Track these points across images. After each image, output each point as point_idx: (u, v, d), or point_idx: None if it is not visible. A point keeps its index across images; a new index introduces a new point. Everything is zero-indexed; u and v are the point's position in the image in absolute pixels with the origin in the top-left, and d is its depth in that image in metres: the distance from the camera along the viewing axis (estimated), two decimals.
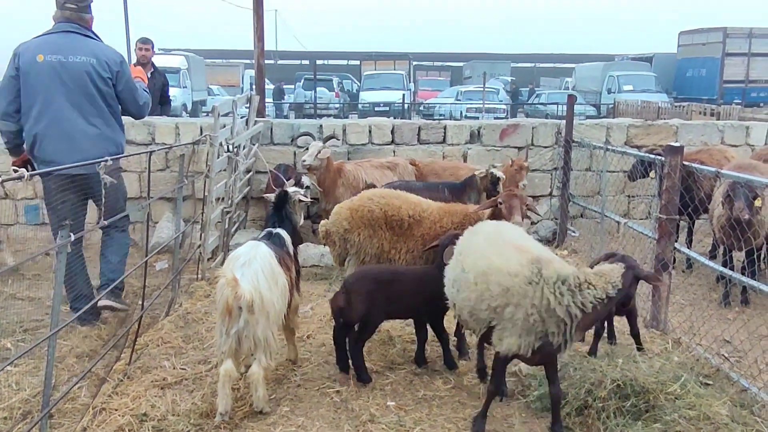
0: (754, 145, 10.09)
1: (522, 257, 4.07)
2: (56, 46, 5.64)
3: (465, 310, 4.33)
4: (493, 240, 4.38)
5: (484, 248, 4.31)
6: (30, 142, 5.72)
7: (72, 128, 5.66)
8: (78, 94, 5.68)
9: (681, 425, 4.02)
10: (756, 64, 30.84)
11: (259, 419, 4.44)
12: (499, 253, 4.17)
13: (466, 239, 4.61)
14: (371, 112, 27.53)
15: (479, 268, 4.18)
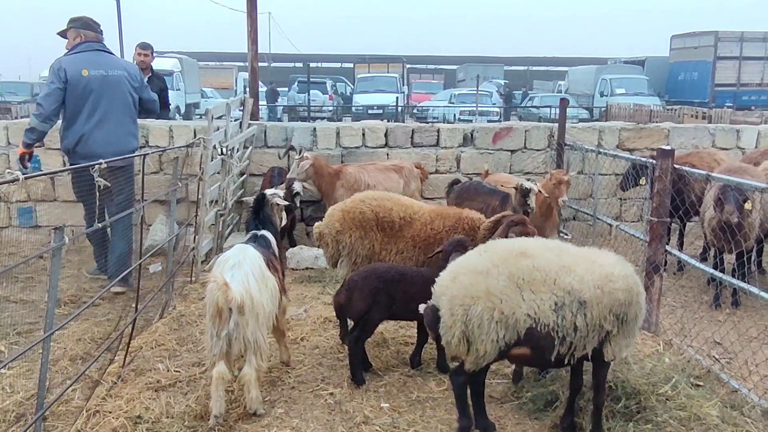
0: (745, 148, 10.17)
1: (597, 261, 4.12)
2: (96, 62, 6.89)
3: (573, 332, 3.93)
4: (562, 252, 4.11)
5: (569, 262, 3.99)
6: (75, 140, 6.86)
7: (113, 127, 6.93)
8: (117, 101, 6.98)
9: (672, 426, 4.07)
10: (747, 68, 31.06)
11: (253, 421, 4.46)
12: (592, 261, 4.07)
13: (520, 264, 3.94)
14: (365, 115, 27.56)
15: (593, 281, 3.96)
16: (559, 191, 7.33)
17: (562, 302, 3.83)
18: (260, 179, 9.09)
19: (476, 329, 3.82)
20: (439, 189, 9.66)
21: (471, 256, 4.19)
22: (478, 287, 3.86)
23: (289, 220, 8.59)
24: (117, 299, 6.68)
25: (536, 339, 3.85)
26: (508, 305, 3.80)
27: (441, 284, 4.07)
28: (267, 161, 9.28)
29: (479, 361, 3.94)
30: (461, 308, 3.85)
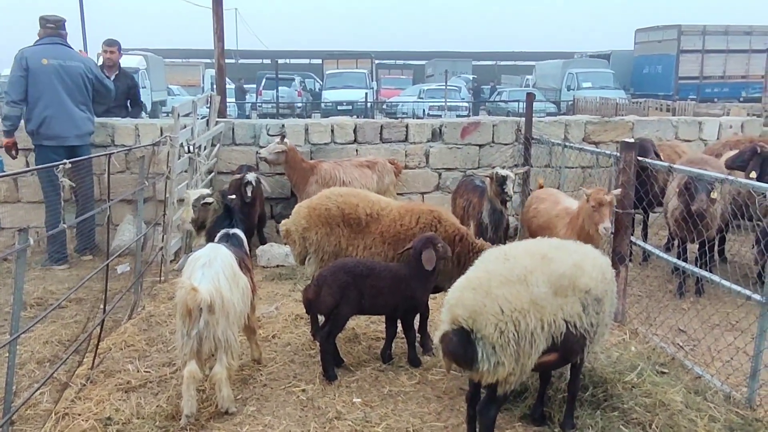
0: (707, 140, 10.38)
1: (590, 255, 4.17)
2: (54, 53, 7.84)
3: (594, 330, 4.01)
4: (569, 251, 4.08)
5: (578, 259, 3.97)
6: (38, 122, 7.78)
7: (72, 111, 7.93)
8: (74, 88, 7.94)
9: (637, 412, 4.16)
10: (709, 61, 31.65)
11: (225, 420, 4.45)
12: (588, 256, 4.09)
13: (548, 270, 3.81)
14: (334, 111, 27.50)
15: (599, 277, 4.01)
16: (599, 216, 5.65)
17: (586, 302, 3.83)
18: (229, 177, 9.04)
19: (527, 345, 3.58)
20: (409, 184, 9.70)
21: (493, 267, 3.84)
22: (522, 298, 3.61)
23: (258, 217, 8.57)
24: (84, 301, 6.61)
25: (570, 343, 3.82)
26: (550, 313, 3.67)
27: (469, 302, 3.62)
28: (235, 159, 9.22)
29: (519, 380, 3.73)
30: (511, 325, 3.55)
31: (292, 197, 8.94)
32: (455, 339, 3.59)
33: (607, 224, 5.60)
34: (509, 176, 6.76)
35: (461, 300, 3.65)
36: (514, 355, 3.56)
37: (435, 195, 9.73)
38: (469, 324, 3.57)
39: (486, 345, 3.53)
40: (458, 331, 3.59)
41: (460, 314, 3.59)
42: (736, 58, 31.44)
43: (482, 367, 3.57)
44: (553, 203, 6.67)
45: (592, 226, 5.68)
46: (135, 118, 9.64)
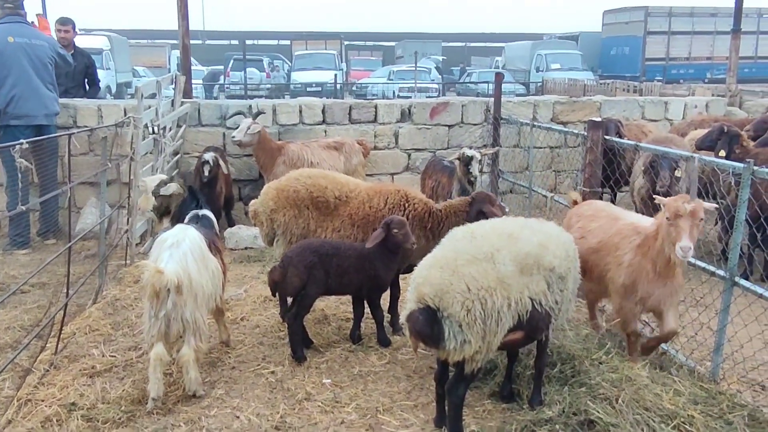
0: (673, 120, 10.51)
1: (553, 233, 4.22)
2: (20, 32, 7.75)
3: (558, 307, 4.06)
4: (534, 230, 4.08)
5: (542, 239, 3.99)
6: (6, 101, 7.64)
7: (40, 90, 7.83)
8: (41, 67, 7.85)
9: (604, 388, 4.19)
10: (676, 42, 31.99)
11: (192, 403, 4.40)
12: (550, 234, 4.14)
13: (515, 248, 3.82)
14: (303, 93, 27.22)
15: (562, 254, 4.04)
16: (676, 232, 4.28)
17: (550, 280, 3.87)
18: (196, 159, 8.91)
19: (493, 323, 3.60)
20: (378, 165, 9.66)
21: (460, 246, 3.80)
22: (489, 276, 3.60)
23: (225, 199, 8.48)
24: (47, 285, 6.47)
25: (535, 321, 3.85)
26: (516, 291, 3.68)
27: (436, 280, 3.59)
28: (202, 140, 9.08)
29: (486, 358, 3.74)
30: (478, 303, 3.54)
31: (260, 179, 8.84)
32: (422, 318, 3.57)
33: (686, 243, 4.19)
34: (475, 156, 6.78)
35: (428, 278, 3.63)
36: (481, 333, 3.57)
37: (404, 176, 9.71)
38: (435, 302, 3.56)
39: (452, 323, 3.53)
40: (425, 310, 3.58)
41: (426, 292, 3.57)
42: (702, 39, 31.81)
43: (449, 346, 3.57)
44: (611, 220, 5.12)
45: (670, 245, 4.32)
46: (93, 98, 9.43)
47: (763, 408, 4.35)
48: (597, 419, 3.93)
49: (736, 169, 4.65)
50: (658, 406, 4.03)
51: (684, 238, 4.18)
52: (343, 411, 4.33)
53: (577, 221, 5.37)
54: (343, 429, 4.13)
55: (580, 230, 5.22)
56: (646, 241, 4.56)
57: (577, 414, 4.03)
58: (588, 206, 5.56)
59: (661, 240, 4.41)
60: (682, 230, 4.20)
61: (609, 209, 5.41)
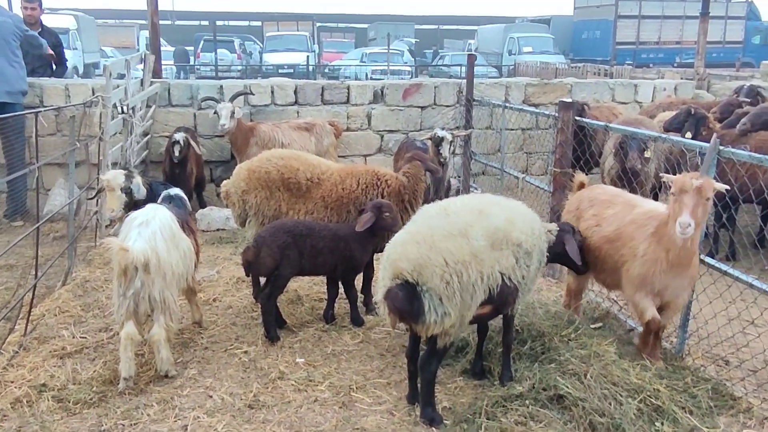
0: (642, 102, 10.64)
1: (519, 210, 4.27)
2: None
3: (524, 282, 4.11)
4: (501, 206, 4.12)
5: (510, 215, 4.03)
6: None
7: (3, 68, 7.64)
8: (4, 45, 7.66)
9: (573, 364, 4.27)
10: (646, 26, 32.27)
11: (165, 383, 4.39)
12: (518, 211, 4.20)
13: (486, 224, 3.86)
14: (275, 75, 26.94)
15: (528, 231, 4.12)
16: (679, 207, 4.06)
17: (518, 255, 3.93)
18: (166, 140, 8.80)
19: (468, 297, 3.66)
20: (351, 147, 9.64)
21: (435, 222, 3.83)
22: (464, 250, 3.65)
23: (196, 180, 8.41)
24: (15, 267, 6.37)
25: (504, 295, 3.91)
26: (488, 265, 3.74)
27: (413, 255, 3.60)
28: (172, 120, 8.97)
29: (459, 332, 3.80)
30: (455, 276, 3.59)
31: (232, 160, 8.78)
32: (401, 294, 3.58)
33: (686, 218, 3.95)
34: (446, 137, 6.81)
35: (405, 254, 3.65)
36: (459, 305, 3.63)
37: (377, 157, 9.71)
38: (414, 277, 3.58)
39: (433, 297, 3.57)
40: (404, 286, 3.60)
41: (404, 268, 3.59)
42: (671, 24, 32.14)
43: (429, 319, 3.60)
44: (627, 207, 4.79)
45: (672, 223, 4.09)
46: (60, 77, 9.24)
47: (726, 382, 4.47)
48: (566, 394, 4.02)
49: (702, 150, 4.74)
50: (625, 380, 4.13)
51: (685, 213, 3.96)
52: (316, 389, 4.35)
53: (590, 206, 5.04)
54: (317, 407, 4.16)
55: (595, 218, 4.92)
56: (659, 229, 4.31)
57: (546, 389, 4.11)
58: (602, 191, 5.26)
59: (671, 225, 4.13)
60: (685, 206, 3.99)
61: (623, 196, 5.06)
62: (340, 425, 3.95)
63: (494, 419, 3.94)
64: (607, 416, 3.87)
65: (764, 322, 4.54)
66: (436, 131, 7.23)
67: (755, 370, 4.66)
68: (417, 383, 4.08)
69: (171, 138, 7.82)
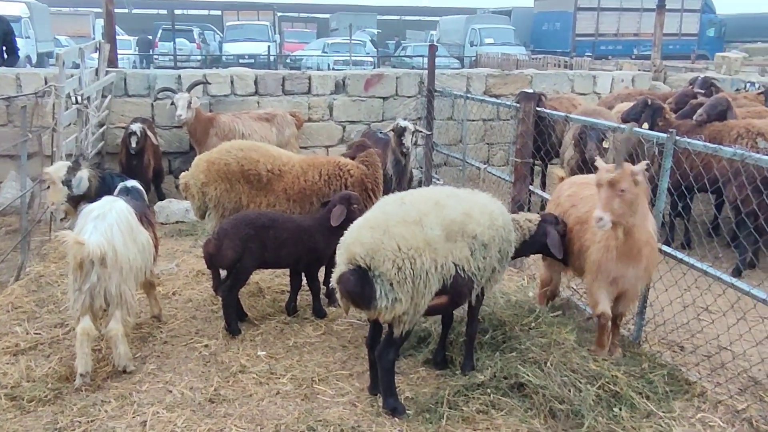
0: (601, 93, 10.79)
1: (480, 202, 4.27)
2: None
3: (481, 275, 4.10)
4: (459, 198, 4.12)
5: (467, 207, 4.04)
6: None
7: None
8: None
9: (534, 352, 4.32)
10: (604, 19, 32.64)
11: (123, 378, 4.31)
12: (478, 203, 4.20)
13: (441, 214, 3.88)
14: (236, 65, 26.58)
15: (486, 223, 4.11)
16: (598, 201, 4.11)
17: (473, 247, 3.94)
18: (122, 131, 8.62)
19: (421, 284, 3.67)
20: (313, 137, 9.58)
21: (391, 209, 3.85)
22: (418, 238, 3.68)
23: (154, 172, 8.27)
24: None
25: (459, 286, 3.93)
26: (442, 255, 3.77)
27: (367, 240, 3.62)
28: (129, 111, 8.78)
29: (414, 320, 3.81)
30: (408, 262, 3.60)
31: (191, 151, 8.64)
32: (353, 278, 3.61)
33: (597, 212, 4.00)
34: (408, 128, 6.81)
35: (359, 238, 3.68)
36: (410, 292, 3.65)
37: (339, 148, 9.65)
38: (366, 261, 3.61)
39: (384, 282, 3.60)
40: (356, 270, 3.63)
41: (357, 252, 3.62)
42: (629, 16, 32.57)
43: (380, 304, 3.63)
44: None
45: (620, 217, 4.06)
46: (12, 67, 8.97)
47: (682, 367, 4.58)
48: (527, 382, 4.07)
49: (659, 140, 4.81)
50: (584, 367, 4.19)
51: (597, 208, 4.03)
52: (278, 382, 4.32)
53: (569, 188, 5.07)
54: (278, 400, 4.13)
55: (571, 198, 4.93)
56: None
57: (507, 378, 4.16)
58: (583, 176, 5.32)
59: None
60: (599, 199, 4.05)
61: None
62: (302, 417, 3.92)
63: (456, 408, 3.97)
64: (566, 403, 3.93)
65: (718, 308, 4.65)
66: (398, 122, 7.22)
67: (709, 355, 4.77)
68: (378, 372, 4.08)
69: (127, 129, 7.65)
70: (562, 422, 3.88)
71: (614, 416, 3.87)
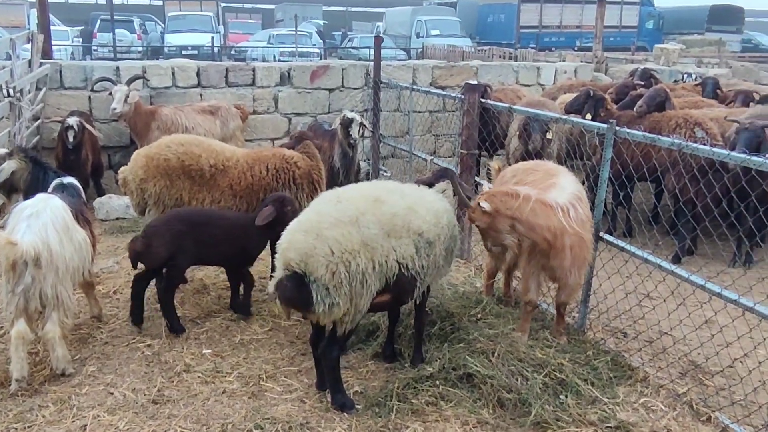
0: (545, 85, 10.94)
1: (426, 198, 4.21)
2: None
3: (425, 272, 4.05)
4: (403, 194, 4.04)
5: (411, 203, 3.97)
6: None
7: None
8: None
9: (481, 342, 4.35)
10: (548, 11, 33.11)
11: (61, 382, 4.17)
12: (424, 199, 4.15)
13: (381, 212, 3.79)
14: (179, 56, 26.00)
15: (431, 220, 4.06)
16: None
17: (418, 245, 3.87)
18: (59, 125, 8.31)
19: (359, 285, 3.60)
20: (258, 130, 9.43)
21: (325, 209, 3.76)
22: (353, 239, 3.58)
23: (93, 167, 8.01)
24: None
25: (402, 284, 3.86)
26: (382, 254, 3.67)
27: (300, 245, 3.55)
28: (65, 104, 8.47)
29: (356, 319, 3.75)
30: (342, 266, 3.53)
31: (132, 145, 8.40)
32: (290, 284, 3.56)
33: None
34: (355, 119, 6.77)
35: (292, 243, 3.61)
36: (348, 295, 3.59)
37: (286, 141, 9.51)
38: (301, 267, 3.54)
39: (319, 287, 3.53)
40: (292, 276, 3.57)
41: (292, 258, 3.56)
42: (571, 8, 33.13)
43: (318, 309, 3.58)
44: (546, 176, 4.76)
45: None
46: None
47: (625, 353, 4.68)
48: (475, 372, 4.09)
49: (600, 130, 4.89)
50: (531, 356, 4.24)
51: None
52: (224, 380, 4.25)
53: (513, 176, 5.03)
54: (225, 398, 4.05)
55: (516, 185, 4.75)
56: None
57: (456, 369, 4.17)
58: (537, 162, 5.36)
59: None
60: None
61: (549, 166, 5.05)
62: (249, 416, 3.86)
63: (406, 401, 3.97)
64: (514, 392, 3.97)
65: (659, 294, 4.76)
66: (345, 113, 7.17)
67: (651, 341, 4.89)
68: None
69: (64, 123, 7.38)
70: (510, 411, 3.92)
71: (560, 403, 3.93)
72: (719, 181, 5.18)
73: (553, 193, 4.39)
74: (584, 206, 4.48)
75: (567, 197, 4.36)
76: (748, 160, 3.84)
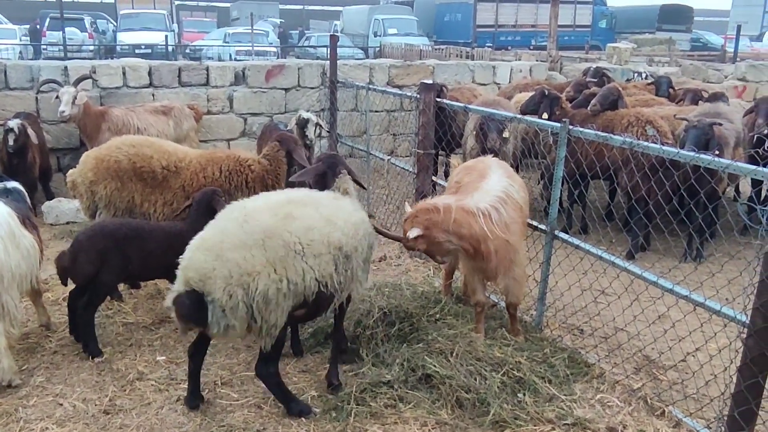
0: (500, 84, 11.02)
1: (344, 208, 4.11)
2: None
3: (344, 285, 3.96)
4: (317, 204, 3.90)
5: (327, 213, 3.84)
6: None
7: None
8: None
9: (440, 342, 4.35)
10: (504, 10, 33.47)
11: (7, 394, 4.03)
12: (342, 209, 4.04)
13: (293, 228, 3.65)
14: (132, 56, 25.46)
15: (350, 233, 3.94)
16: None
17: (338, 261, 3.76)
18: None
19: (262, 305, 3.46)
20: (213, 131, 9.29)
21: (230, 228, 3.58)
22: (255, 261, 3.43)
23: (41, 169, 7.77)
24: None
25: (321, 299, 3.78)
26: (295, 273, 3.54)
27: (200, 264, 3.44)
28: (10, 105, 8.20)
29: (274, 335, 3.62)
30: (240, 290, 3.40)
31: (82, 147, 8.18)
32: (188, 302, 3.46)
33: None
34: (311, 119, 6.73)
35: (193, 261, 3.50)
36: (245, 318, 3.48)
37: (241, 141, 9.42)
38: (200, 287, 3.44)
39: (216, 308, 3.43)
40: (191, 294, 3.46)
41: (191, 276, 3.45)
42: (526, 8, 33.54)
43: (213, 329, 3.50)
44: (478, 176, 4.79)
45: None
46: None
47: (581, 350, 4.73)
48: (433, 373, 4.09)
49: (554, 129, 4.93)
50: (489, 355, 4.26)
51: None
52: (179, 388, 4.15)
53: (458, 173, 5.12)
54: (179, 406, 3.96)
55: (457, 185, 4.93)
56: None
57: (415, 370, 4.17)
58: (479, 159, 5.40)
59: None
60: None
61: (486, 164, 5.02)
62: (204, 424, 3.78)
63: (364, 404, 3.94)
64: (473, 391, 3.97)
65: (613, 291, 4.82)
66: (300, 113, 7.12)
67: (606, 337, 4.95)
68: (198, 381, 3.96)
69: (5, 125, 7.12)
70: (469, 411, 3.92)
71: (518, 402, 3.95)
72: (670, 178, 5.27)
73: (475, 197, 4.41)
74: (510, 207, 4.47)
75: (490, 200, 4.38)
76: (696, 158, 3.91)
